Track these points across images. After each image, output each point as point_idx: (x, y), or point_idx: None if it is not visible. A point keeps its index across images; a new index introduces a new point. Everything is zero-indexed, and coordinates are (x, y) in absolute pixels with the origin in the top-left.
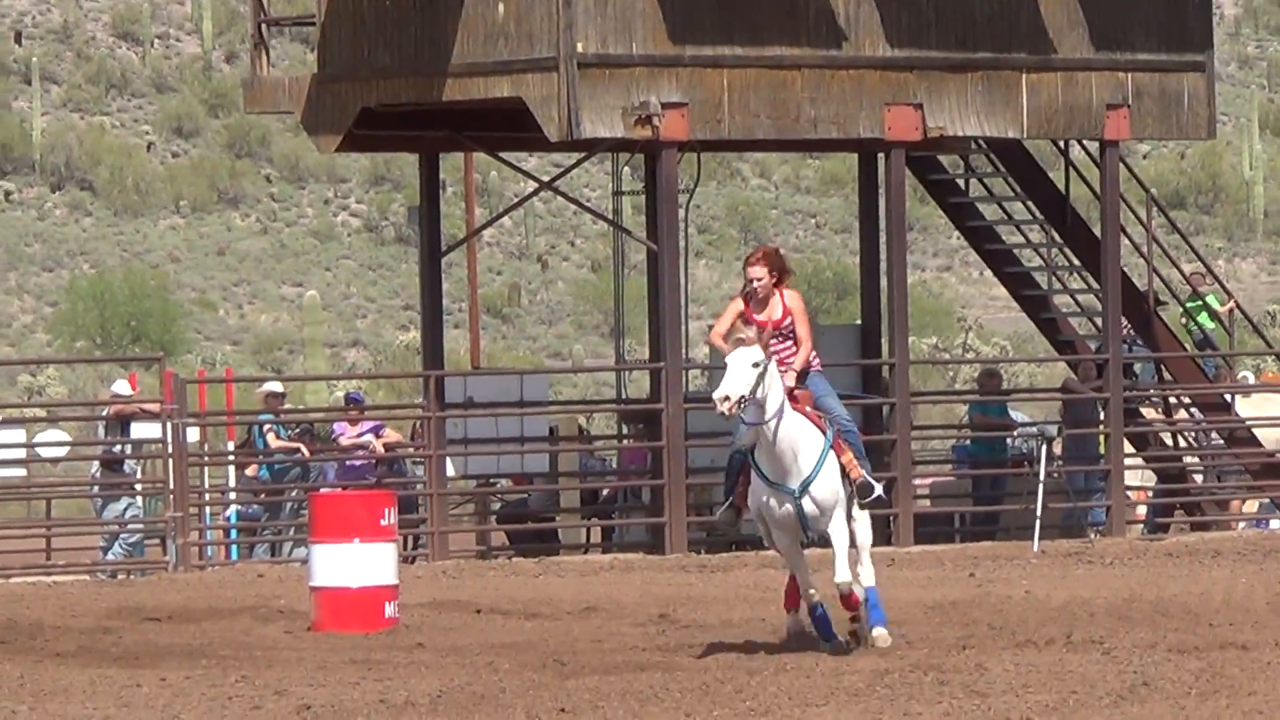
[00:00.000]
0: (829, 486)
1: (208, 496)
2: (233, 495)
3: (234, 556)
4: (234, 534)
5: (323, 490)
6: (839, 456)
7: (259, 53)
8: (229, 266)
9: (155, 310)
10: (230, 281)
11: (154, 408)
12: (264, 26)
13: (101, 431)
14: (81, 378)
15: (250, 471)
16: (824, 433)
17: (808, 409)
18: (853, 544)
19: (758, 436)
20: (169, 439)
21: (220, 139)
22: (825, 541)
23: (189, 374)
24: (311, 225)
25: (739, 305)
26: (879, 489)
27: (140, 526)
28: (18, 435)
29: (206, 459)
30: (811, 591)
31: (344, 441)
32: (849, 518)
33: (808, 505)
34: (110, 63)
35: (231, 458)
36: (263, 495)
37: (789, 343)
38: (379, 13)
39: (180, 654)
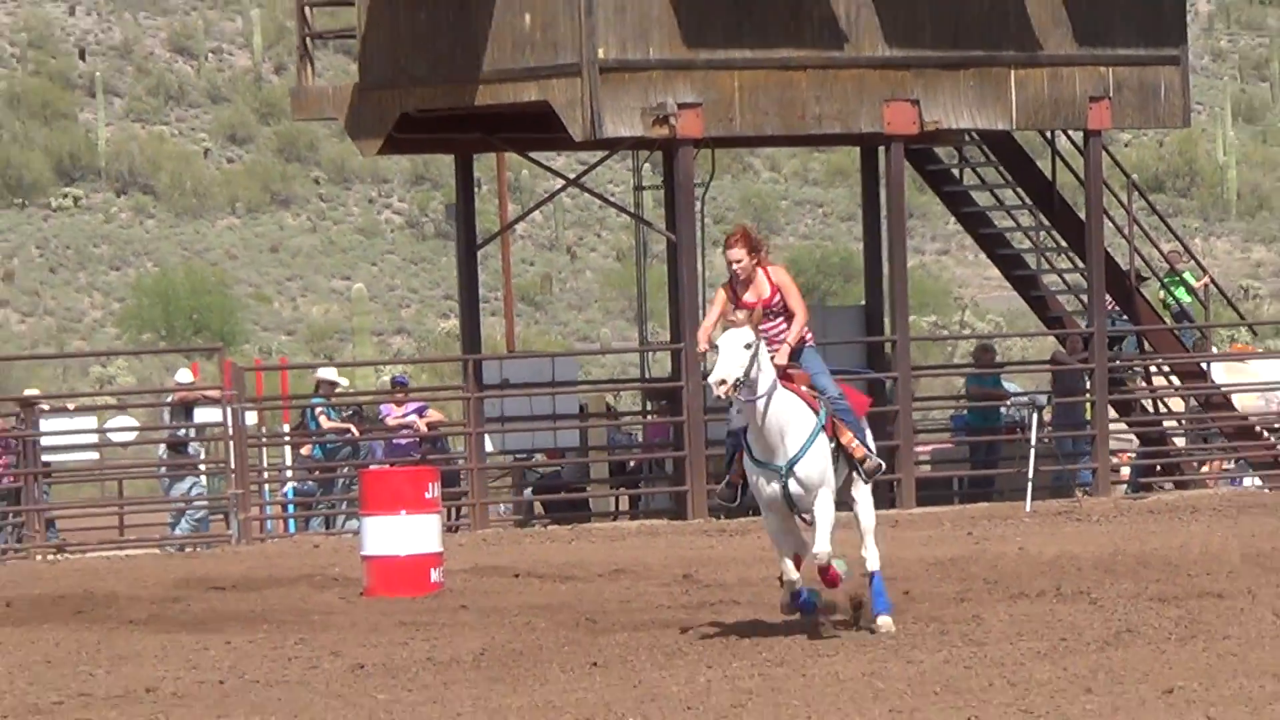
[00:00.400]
0: (815, 466)
1: (266, 475)
2: (289, 473)
3: (291, 530)
4: (291, 509)
5: (372, 467)
6: (839, 438)
7: (305, 64)
8: (282, 262)
9: (214, 304)
10: (283, 276)
11: (215, 394)
12: (309, 40)
13: (167, 417)
14: (148, 368)
15: (305, 451)
16: (817, 413)
17: (802, 388)
18: (856, 525)
19: (750, 416)
20: (229, 422)
21: (271, 145)
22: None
23: (247, 362)
24: (357, 223)
25: (722, 295)
26: (883, 464)
27: (204, 503)
28: (90, 422)
29: (264, 440)
30: (793, 578)
31: (390, 421)
32: (852, 499)
33: (793, 485)
34: (168, 76)
35: (287, 439)
36: (317, 472)
37: (780, 320)
38: (414, 25)
39: (243, 620)
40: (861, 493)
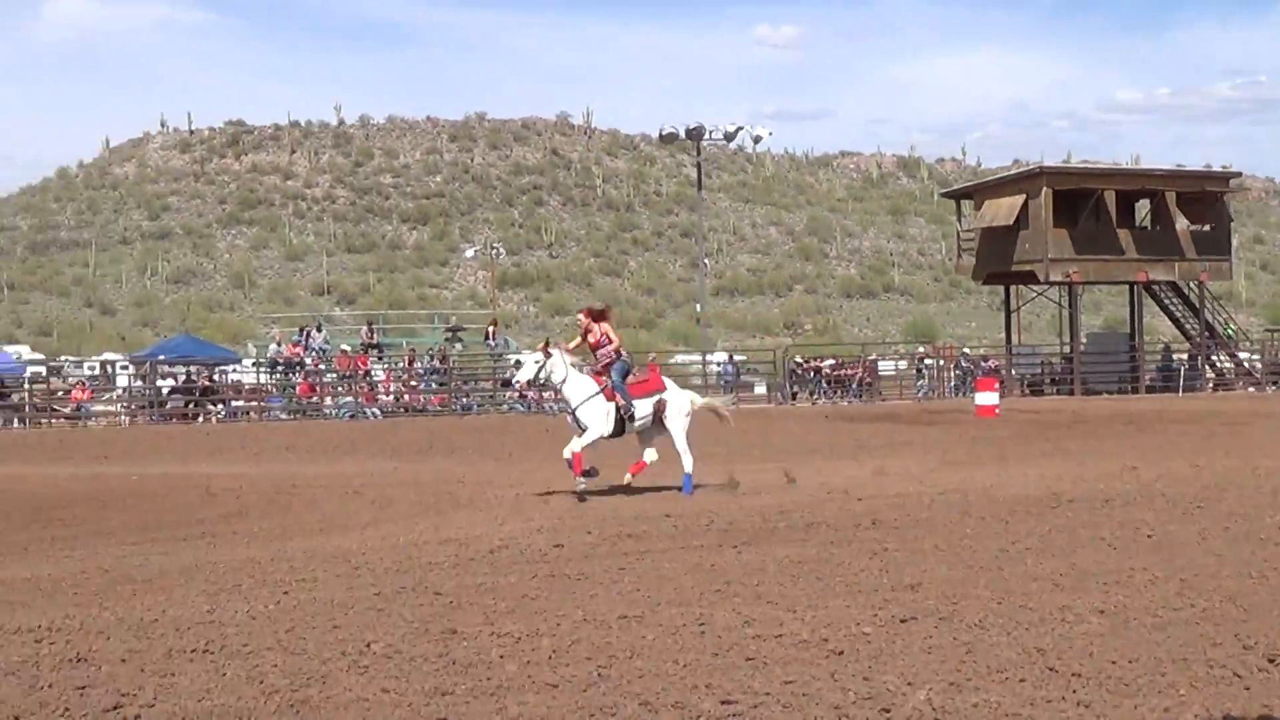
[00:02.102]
0: (588, 412)
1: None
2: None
3: None
4: None
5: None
6: (614, 402)
7: (959, 256)
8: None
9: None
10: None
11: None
12: (960, 251)
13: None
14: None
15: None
16: (600, 386)
17: (599, 377)
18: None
19: (559, 393)
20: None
21: (945, 282)
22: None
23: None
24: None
25: (578, 338)
26: (636, 412)
27: None
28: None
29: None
30: (586, 464)
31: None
32: (667, 430)
33: (579, 416)
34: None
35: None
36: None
37: (610, 345)
38: (990, 245)
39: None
40: (675, 428)
